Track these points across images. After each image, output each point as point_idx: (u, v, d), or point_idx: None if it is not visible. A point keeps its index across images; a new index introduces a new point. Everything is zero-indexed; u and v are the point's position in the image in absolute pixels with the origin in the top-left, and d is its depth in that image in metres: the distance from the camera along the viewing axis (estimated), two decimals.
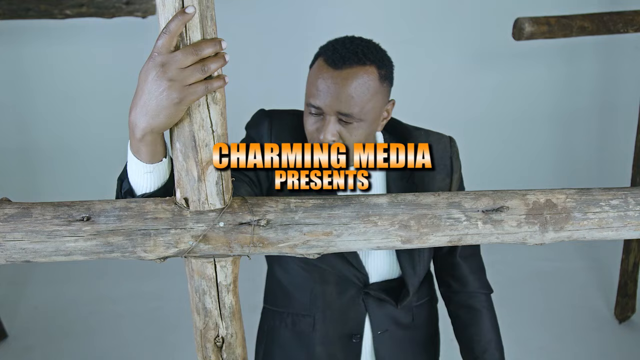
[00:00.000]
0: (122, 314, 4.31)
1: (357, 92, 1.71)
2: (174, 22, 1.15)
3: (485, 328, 2.07)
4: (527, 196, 1.38)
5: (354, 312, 2.01)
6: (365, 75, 1.72)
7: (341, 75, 1.71)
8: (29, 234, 1.29)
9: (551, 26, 3.24)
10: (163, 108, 1.19)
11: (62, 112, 4.99)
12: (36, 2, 3.66)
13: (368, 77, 1.73)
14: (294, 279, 2.03)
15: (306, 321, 2.04)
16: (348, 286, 1.98)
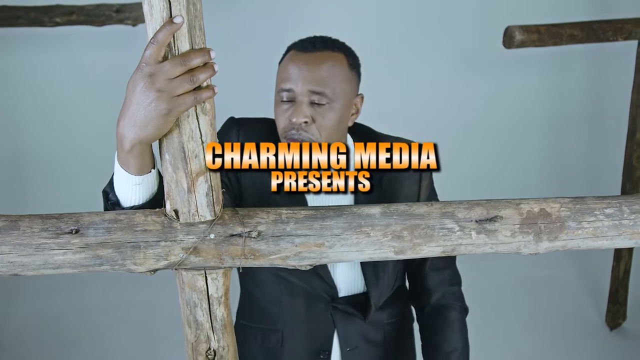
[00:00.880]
0: (112, 324, 4.28)
1: (328, 72, 1.73)
2: (162, 32, 1.14)
3: (453, 338, 1.96)
4: (521, 205, 1.37)
5: (322, 328, 1.92)
6: (335, 59, 1.76)
7: (312, 56, 1.75)
8: (16, 247, 1.27)
9: (541, 34, 3.24)
10: (151, 119, 1.18)
11: (51, 121, 4.96)
12: (26, 10, 3.65)
13: (338, 61, 1.76)
14: (262, 291, 1.95)
15: (275, 336, 1.95)
16: (316, 300, 1.90)
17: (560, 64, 5.18)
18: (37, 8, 3.67)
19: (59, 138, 5.01)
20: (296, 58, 1.76)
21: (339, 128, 1.75)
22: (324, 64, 1.74)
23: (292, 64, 1.75)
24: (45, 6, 3.70)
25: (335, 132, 1.74)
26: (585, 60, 5.16)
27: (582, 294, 4.56)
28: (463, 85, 5.19)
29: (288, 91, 1.73)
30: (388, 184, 1.84)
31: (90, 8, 3.74)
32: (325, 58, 1.75)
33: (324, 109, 1.71)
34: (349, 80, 1.79)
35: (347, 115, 1.79)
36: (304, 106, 1.70)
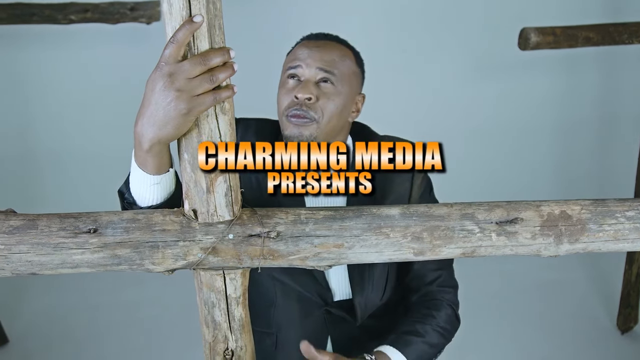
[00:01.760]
0: (123, 321, 4.28)
1: (338, 57, 1.75)
2: (182, 31, 1.13)
3: (427, 330, 1.82)
4: (542, 207, 1.36)
5: (316, 333, 1.87)
6: (345, 52, 1.79)
7: (323, 42, 1.78)
8: (34, 246, 1.27)
9: (557, 36, 3.23)
10: (171, 119, 1.17)
11: (64, 119, 4.96)
12: (40, 7, 3.66)
13: (347, 54, 1.79)
14: (257, 291, 1.88)
15: (269, 339, 1.91)
16: (310, 303, 1.86)
17: (572, 67, 5.15)
18: (51, 5, 3.68)
19: (71, 136, 5.01)
20: (307, 43, 1.79)
21: (340, 117, 1.74)
22: (335, 50, 1.77)
23: (303, 47, 1.78)
24: (60, 4, 3.70)
25: (336, 119, 1.73)
26: (597, 62, 5.14)
27: (594, 296, 4.53)
28: (472, 87, 5.17)
29: (295, 68, 1.74)
30: (380, 181, 1.78)
31: (105, 6, 3.75)
32: (335, 47, 1.78)
33: (330, 90, 1.71)
34: (355, 74, 1.80)
35: (349, 108, 1.78)
36: (310, 84, 1.71)
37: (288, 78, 1.75)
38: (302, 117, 1.67)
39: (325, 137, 1.71)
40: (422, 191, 1.85)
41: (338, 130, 1.76)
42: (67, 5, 3.70)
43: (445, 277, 1.89)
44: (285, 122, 1.71)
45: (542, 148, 5.43)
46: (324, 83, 1.71)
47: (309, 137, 1.68)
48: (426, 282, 1.88)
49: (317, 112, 1.68)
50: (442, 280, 1.89)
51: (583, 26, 3.35)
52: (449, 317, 1.87)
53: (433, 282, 1.88)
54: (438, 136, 1.96)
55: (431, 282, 1.88)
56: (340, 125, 1.76)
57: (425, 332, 1.80)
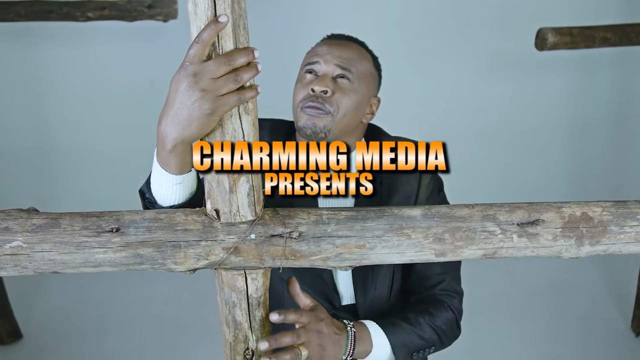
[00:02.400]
0: (137, 317, 4.30)
1: (357, 56, 1.76)
2: (207, 31, 1.13)
3: (420, 322, 1.76)
4: (563, 209, 1.36)
5: None
6: (364, 53, 1.80)
7: (343, 42, 1.80)
8: (57, 245, 1.27)
9: (574, 37, 3.23)
10: (195, 119, 1.17)
11: (81, 115, 4.98)
12: (59, 5, 3.68)
13: (365, 56, 1.80)
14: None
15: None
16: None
17: (585, 66, 5.13)
18: (70, 3, 3.70)
19: (87, 132, 5.03)
20: (327, 42, 1.81)
21: (354, 114, 1.73)
22: (354, 50, 1.78)
23: (323, 45, 1.79)
24: (78, 1, 3.73)
25: (350, 115, 1.72)
26: (612, 63, 5.12)
27: (608, 298, 4.52)
28: (486, 87, 5.16)
29: (314, 64, 1.74)
30: (387, 179, 1.79)
31: (122, 3, 3.77)
32: (354, 47, 1.79)
33: (346, 86, 1.72)
34: (372, 76, 1.81)
35: (364, 107, 1.78)
36: (327, 78, 1.71)
37: (306, 73, 1.76)
38: (317, 109, 1.67)
39: (339, 133, 1.71)
40: (430, 191, 1.81)
41: (352, 129, 1.76)
42: (85, 2, 3.73)
43: (449, 281, 1.84)
44: (299, 113, 1.71)
45: (556, 148, 5.42)
46: (341, 79, 1.72)
47: (323, 129, 1.68)
48: (428, 285, 1.84)
49: (333, 105, 1.68)
50: (446, 285, 1.84)
51: (600, 26, 3.35)
52: (448, 320, 1.81)
53: (435, 285, 1.83)
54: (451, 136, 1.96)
55: (433, 286, 1.83)
56: (354, 124, 1.76)
57: (418, 322, 1.75)
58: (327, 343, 1.49)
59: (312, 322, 1.46)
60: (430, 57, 5.01)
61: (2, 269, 1.28)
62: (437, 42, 5.00)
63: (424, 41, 4.98)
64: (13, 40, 4.64)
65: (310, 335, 1.45)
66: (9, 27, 4.06)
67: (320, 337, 1.47)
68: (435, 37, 4.98)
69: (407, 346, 1.71)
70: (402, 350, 1.70)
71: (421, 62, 5.00)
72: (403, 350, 1.70)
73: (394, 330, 1.69)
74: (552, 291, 4.58)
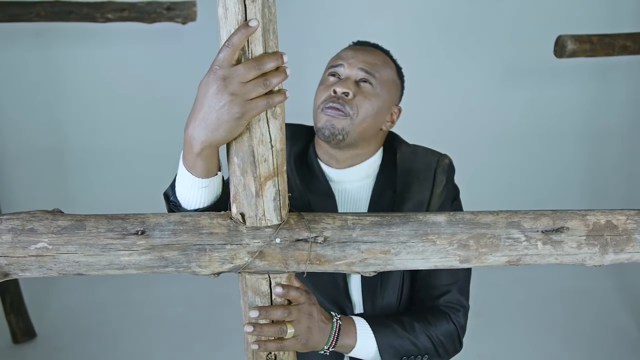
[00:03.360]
0: (150, 318, 4.32)
1: (381, 62, 1.77)
2: (237, 35, 1.13)
3: (415, 328, 1.73)
4: (587, 217, 1.35)
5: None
6: (388, 61, 1.81)
7: (368, 48, 1.81)
8: (82, 246, 1.27)
9: (593, 44, 3.22)
10: (223, 122, 1.17)
11: (99, 115, 4.98)
12: (79, 6, 3.70)
13: (389, 64, 1.80)
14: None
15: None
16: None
17: (602, 74, 5.11)
18: (89, 4, 3.71)
19: (104, 133, 5.04)
20: (352, 47, 1.83)
21: (374, 119, 1.73)
22: (378, 56, 1.78)
23: (348, 49, 1.81)
24: (97, 2, 3.74)
25: (370, 120, 1.72)
26: (627, 71, 5.09)
27: (621, 306, 4.51)
28: (502, 94, 5.14)
29: (337, 67, 1.75)
30: (400, 187, 1.78)
31: (142, 5, 3.78)
32: (379, 54, 1.80)
33: (368, 90, 1.72)
34: (395, 84, 1.81)
35: (385, 114, 1.78)
36: (350, 81, 1.72)
37: (329, 76, 1.77)
38: (337, 110, 1.67)
39: (357, 137, 1.71)
40: (443, 201, 1.79)
41: (370, 134, 1.76)
42: (104, 3, 3.74)
43: (454, 294, 1.80)
44: (319, 114, 1.71)
45: (571, 156, 5.40)
46: (363, 83, 1.72)
47: (341, 131, 1.68)
48: (433, 295, 1.80)
49: (353, 108, 1.68)
50: (451, 297, 1.79)
51: (620, 34, 3.34)
52: (447, 332, 1.77)
53: (440, 296, 1.79)
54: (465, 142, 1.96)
55: (438, 297, 1.79)
56: (373, 130, 1.76)
57: (412, 328, 1.71)
58: (315, 327, 1.50)
59: (307, 303, 1.46)
60: (446, 64, 5.00)
61: (26, 270, 1.29)
62: (454, 48, 4.99)
63: (440, 47, 4.97)
64: (33, 40, 4.65)
65: (301, 315, 1.44)
66: (29, 27, 4.08)
67: (310, 319, 1.47)
68: (452, 44, 4.97)
69: (396, 349, 1.69)
70: (388, 351, 1.68)
71: (437, 69, 4.98)
72: (390, 352, 1.68)
73: (383, 331, 1.68)
74: (564, 298, 4.57)
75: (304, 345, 1.47)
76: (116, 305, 4.44)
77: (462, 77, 5.07)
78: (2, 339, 4.13)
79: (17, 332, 4.10)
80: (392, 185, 1.78)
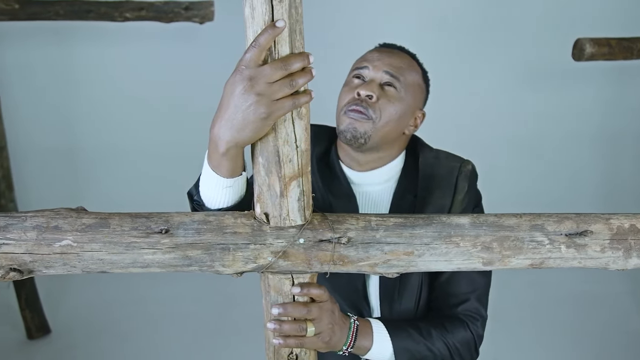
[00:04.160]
0: (163, 316, 4.34)
1: (406, 66, 1.75)
2: (264, 35, 1.13)
3: (432, 334, 1.72)
4: (611, 220, 1.35)
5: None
6: (414, 65, 1.79)
7: (394, 51, 1.79)
8: (106, 244, 1.28)
9: (612, 48, 3.20)
10: (249, 122, 1.17)
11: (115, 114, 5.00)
12: (97, 5, 3.72)
13: (415, 68, 1.79)
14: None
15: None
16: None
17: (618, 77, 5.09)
18: (108, 3, 3.73)
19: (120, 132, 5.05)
20: (379, 49, 1.81)
21: (397, 123, 1.72)
22: (404, 59, 1.77)
23: (374, 51, 1.79)
24: (116, 1, 3.76)
25: (393, 124, 1.71)
26: None
27: (635, 310, 4.49)
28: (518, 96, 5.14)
29: (362, 69, 1.74)
30: (422, 192, 1.77)
31: (160, 5, 3.79)
32: (405, 57, 1.78)
33: (392, 94, 1.71)
34: (420, 88, 1.79)
35: (408, 118, 1.76)
36: (374, 84, 1.70)
37: (353, 77, 1.76)
38: (360, 113, 1.66)
39: (379, 141, 1.71)
40: (464, 207, 1.78)
41: (392, 138, 1.75)
42: (123, 3, 3.75)
43: (473, 302, 1.78)
44: (341, 117, 1.71)
45: (586, 159, 5.38)
46: (388, 86, 1.71)
47: (363, 135, 1.67)
48: (451, 303, 1.78)
49: (376, 111, 1.67)
50: (469, 305, 1.78)
51: (639, 38, 3.32)
52: (464, 340, 1.75)
53: (459, 304, 1.78)
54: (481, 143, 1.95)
55: (456, 305, 1.78)
56: (396, 134, 1.75)
57: (429, 334, 1.71)
58: (337, 326, 1.50)
59: (329, 301, 1.46)
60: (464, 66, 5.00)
61: (50, 267, 1.29)
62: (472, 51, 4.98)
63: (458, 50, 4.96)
64: (51, 39, 4.67)
65: (322, 314, 1.44)
66: (48, 25, 4.09)
67: (332, 317, 1.47)
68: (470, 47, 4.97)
69: (411, 353, 1.68)
70: (404, 355, 1.67)
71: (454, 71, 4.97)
72: (405, 356, 1.67)
73: (400, 335, 1.67)
74: (577, 302, 4.55)
75: (326, 344, 1.47)
76: (130, 303, 4.45)
77: (480, 79, 5.07)
78: (17, 335, 4.15)
79: (31, 328, 4.12)
80: (414, 190, 1.78)
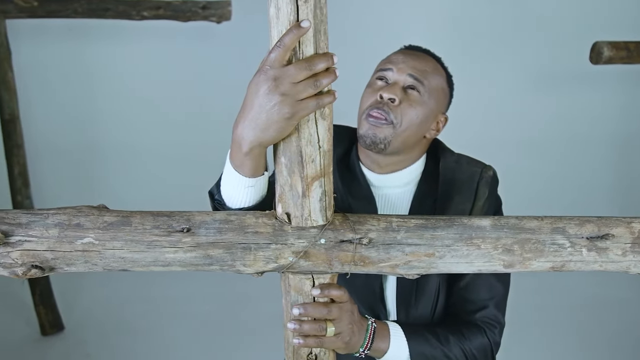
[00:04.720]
0: (176, 315, 4.35)
1: (431, 70, 1.73)
2: (289, 35, 1.13)
3: (450, 339, 1.69)
4: (632, 224, 1.34)
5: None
6: (439, 69, 1.77)
7: (419, 54, 1.76)
8: (128, 243, 1.28)
9: (630, 51, 3.19)
10: (273, 122, 1.17)
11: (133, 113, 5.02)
12: (115, 3, 3.73)
13: (440, 72, 1.76)
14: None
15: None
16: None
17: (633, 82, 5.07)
18: (126, 2, 3.74)
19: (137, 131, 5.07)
20: (403, 51, 1.79)
21: (418, 128, 1.71)
22: (429, 63, 1.75)
23: (399, 53, 1.77)
24: (134, 0, 3.78)
25: (414, 129, 1.70)
26: None
27: None
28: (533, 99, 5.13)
29: (386, 71, 1.73)
30: (442, 196, 1.75)
31: (177, 4, 3.80)
32: (430, 60, 1.76)
33: (415, 98, 1.69)
34: (444, 92, 1.77)
35: (430, 122, 1.75)
36: (397, 87, 1.69)
37: (377, 79, 1.74)
38: (380, 118, 1.65)
39: (400, 145, 1.69)
40: (484, 214, 1.75)
41: (413, 143, 1.73)
42: (140, 1, 3.76)
43: (491, 309, 1.75)
44: (362, 121, 1.69)
45: (601, 162, 5.37)
46: (411, 90, 1.69)
47: (383, 140, 1.66)
48: (470, 309, 1.76)
49: (397, 116, 1.66)
50: (488, 312, 1.75)
51: None
52: (482, 347, 1.73)
53: (477, 311, 1.75)
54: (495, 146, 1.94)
55: (475, 311, 1.75)
56: (416, 138, 1.73)
57: (447, 340, 1.68)
58: (356, 326, 1.49)
59: (349, 302, 1.45)
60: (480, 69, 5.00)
61: (72, 264, 1.30)
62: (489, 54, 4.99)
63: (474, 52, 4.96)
64: (68, 37, 4.69)
65: (343, 314, 1.43)
66: (66, 23, 4.10)
67: (352, 317, 1.46)
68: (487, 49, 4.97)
69: (428, 358, 1.66)
70: None
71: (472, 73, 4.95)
72: None
73: (417, 339, 1.65)
74: (586, 306, 4.53)
75: (346, 344, 1.46)
76: (143, 301, 4.47)
77: (496, 82, 5.06)
78: (31, 331, 4.18)
79: (45, 324, 4.14)
80: (434, 194, 1.76)
